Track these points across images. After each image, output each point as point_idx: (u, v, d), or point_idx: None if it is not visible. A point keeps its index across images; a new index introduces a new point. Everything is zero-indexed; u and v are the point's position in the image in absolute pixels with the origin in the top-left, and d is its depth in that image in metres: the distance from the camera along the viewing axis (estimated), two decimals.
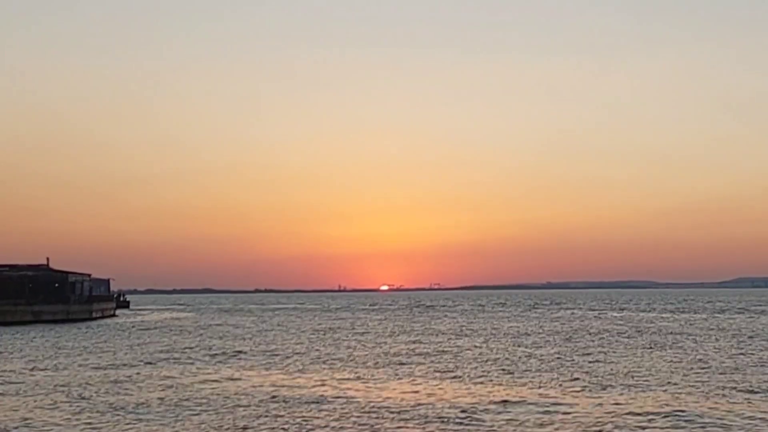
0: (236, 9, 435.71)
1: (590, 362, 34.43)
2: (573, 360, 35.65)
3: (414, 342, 48.60)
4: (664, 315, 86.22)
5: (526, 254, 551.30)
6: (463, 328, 64.47)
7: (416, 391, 25.65)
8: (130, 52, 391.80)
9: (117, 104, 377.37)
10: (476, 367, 32.78)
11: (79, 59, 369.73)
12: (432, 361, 35.76)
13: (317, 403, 23.43)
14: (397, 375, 30.53)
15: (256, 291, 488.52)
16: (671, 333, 54.35)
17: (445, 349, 42.23)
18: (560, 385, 26.66)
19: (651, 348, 41.62)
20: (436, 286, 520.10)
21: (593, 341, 47.15)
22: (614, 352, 39.21)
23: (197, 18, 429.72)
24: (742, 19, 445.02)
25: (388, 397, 24.33)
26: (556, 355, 37.86)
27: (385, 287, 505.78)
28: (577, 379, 28.58)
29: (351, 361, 36.62)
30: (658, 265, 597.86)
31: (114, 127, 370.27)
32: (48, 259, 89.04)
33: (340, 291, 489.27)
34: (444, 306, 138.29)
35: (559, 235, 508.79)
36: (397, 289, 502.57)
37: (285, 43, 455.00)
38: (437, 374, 30.57)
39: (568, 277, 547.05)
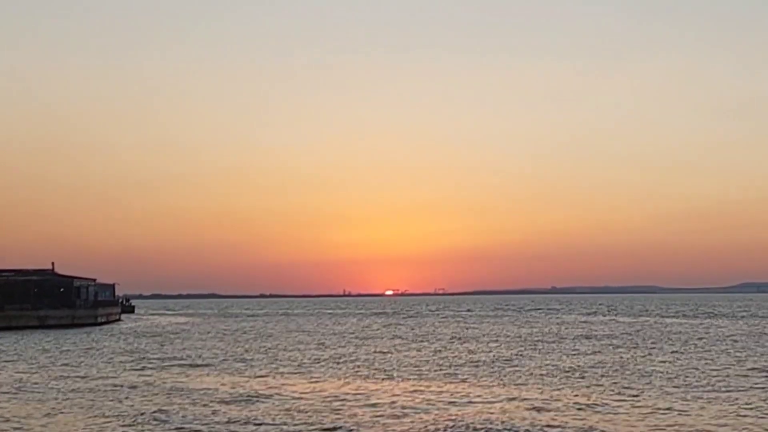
0: (239, 11, 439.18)
1: (512, 365, 36.75)
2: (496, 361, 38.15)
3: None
4: (622, 319, 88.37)
5: (531, 259, 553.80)
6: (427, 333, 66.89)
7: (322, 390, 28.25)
8: (138, 55, 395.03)
9: (122, 107, 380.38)
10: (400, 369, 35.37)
11: (85, 61, 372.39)
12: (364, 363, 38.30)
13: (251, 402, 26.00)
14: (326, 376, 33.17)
15: (262, 296, 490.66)
16: (612, 336, 56.82)
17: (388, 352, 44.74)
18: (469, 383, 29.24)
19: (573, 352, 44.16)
20: (440, 291, 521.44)
21: (536, 344, 49.60)
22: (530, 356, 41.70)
23: (201, 20, 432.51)
24: (743, 22, 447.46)
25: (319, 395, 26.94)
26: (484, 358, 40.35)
27: (389, 292, 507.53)
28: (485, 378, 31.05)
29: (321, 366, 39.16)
30: (662, 270, 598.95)
31: (119, 131, 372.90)
32: (53, 263, 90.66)
33: (345, 296, 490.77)
34: (416, 313, 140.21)
35: (564, 240, 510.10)
36: (402, 294, 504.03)
37: (288, 45, 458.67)
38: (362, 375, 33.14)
39: (573, 282, 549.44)
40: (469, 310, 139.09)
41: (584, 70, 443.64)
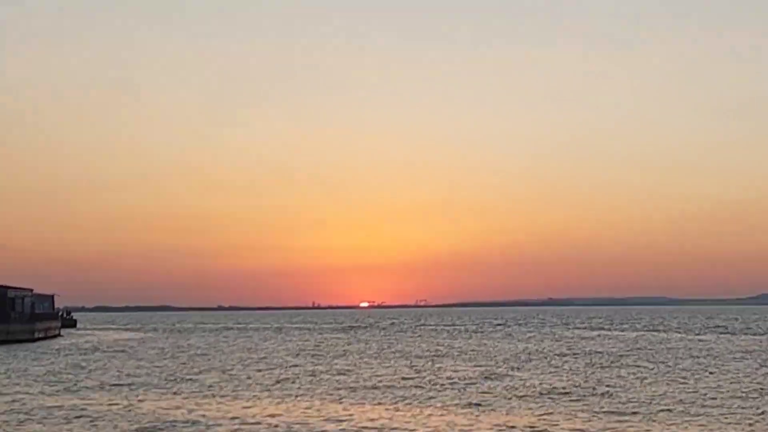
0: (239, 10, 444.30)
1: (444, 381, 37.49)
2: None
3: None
4: (624, 335, 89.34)
5: (525, 267, 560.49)
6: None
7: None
8: (77, 43, 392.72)
9: (59, 98, 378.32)
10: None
11: (27, 49, 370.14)
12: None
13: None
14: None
15: (219, 308, 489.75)
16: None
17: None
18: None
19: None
20: (422, 303, 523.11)
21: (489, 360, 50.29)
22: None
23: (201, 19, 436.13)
24: (743, 22, 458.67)
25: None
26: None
27: (364, 304, 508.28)
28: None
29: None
30: (671, 279, 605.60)
31: (57, 125, 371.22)
32: None
33: (314, 308, 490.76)
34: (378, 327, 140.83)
35: (564, 242, 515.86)
36: (378, 306, 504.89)
37: (288, 45, 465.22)
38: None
39: (571, 293, 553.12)
40: (453, 325, 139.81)
41: (585, 70, 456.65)
